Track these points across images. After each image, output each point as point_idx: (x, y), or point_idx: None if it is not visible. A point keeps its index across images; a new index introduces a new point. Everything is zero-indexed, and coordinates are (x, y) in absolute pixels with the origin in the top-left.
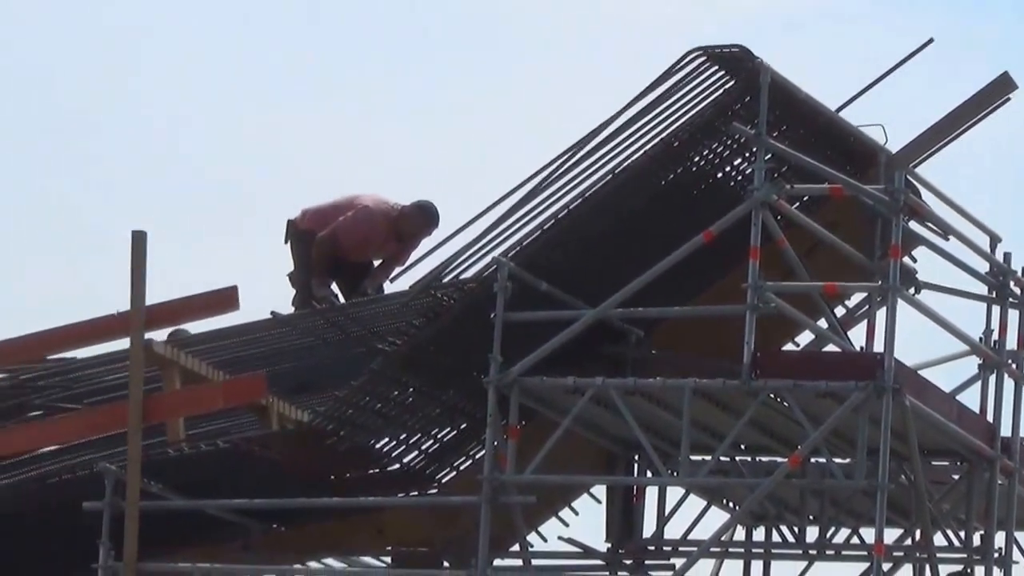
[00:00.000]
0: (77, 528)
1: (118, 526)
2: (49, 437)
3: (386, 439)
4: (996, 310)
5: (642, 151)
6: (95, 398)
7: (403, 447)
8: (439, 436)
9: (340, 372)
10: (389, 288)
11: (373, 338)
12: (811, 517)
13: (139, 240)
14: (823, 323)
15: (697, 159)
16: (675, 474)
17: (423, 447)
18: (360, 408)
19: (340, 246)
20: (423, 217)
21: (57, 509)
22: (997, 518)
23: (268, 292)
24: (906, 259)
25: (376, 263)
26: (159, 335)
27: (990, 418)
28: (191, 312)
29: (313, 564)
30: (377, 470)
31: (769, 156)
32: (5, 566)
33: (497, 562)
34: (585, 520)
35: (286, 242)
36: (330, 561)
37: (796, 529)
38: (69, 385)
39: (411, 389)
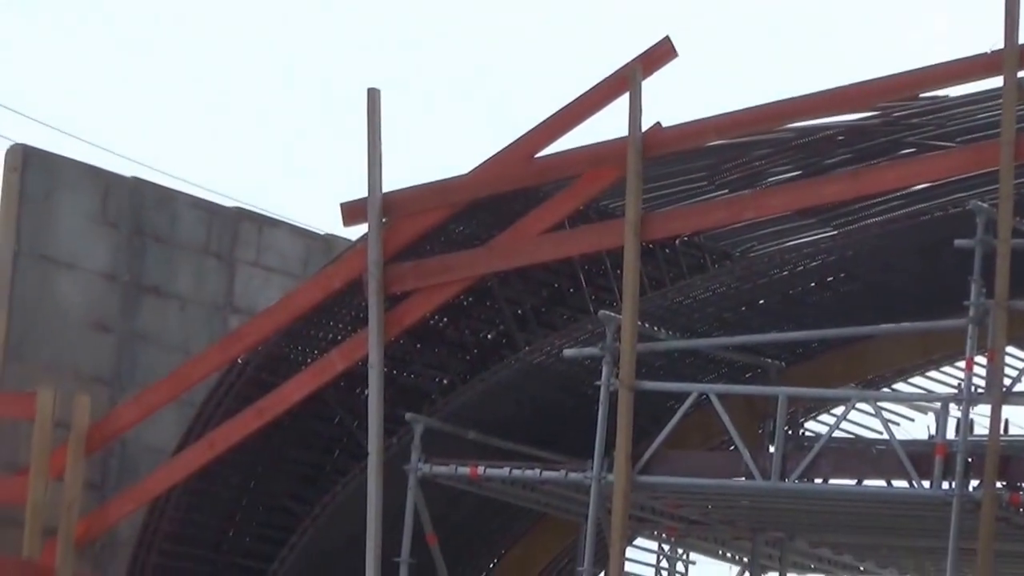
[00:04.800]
0: (944, 265)
1: (989, 264)
2: (920, 175)
3: None
4: None
5: None
6: (967, 136)
7: None
8: None
9: None
10: None
11: None
12: None
13: None
14: None
15: None
16: None
17: None
18: None
19: None
20: None
21: (926, 246)
22: None
23: None
24: None
25: None
26: None
27: None
28: None
29: None
30: None
31: None
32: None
33: None
34: None
35: None
36: None
37: None
38: (942, 123)
39: None
